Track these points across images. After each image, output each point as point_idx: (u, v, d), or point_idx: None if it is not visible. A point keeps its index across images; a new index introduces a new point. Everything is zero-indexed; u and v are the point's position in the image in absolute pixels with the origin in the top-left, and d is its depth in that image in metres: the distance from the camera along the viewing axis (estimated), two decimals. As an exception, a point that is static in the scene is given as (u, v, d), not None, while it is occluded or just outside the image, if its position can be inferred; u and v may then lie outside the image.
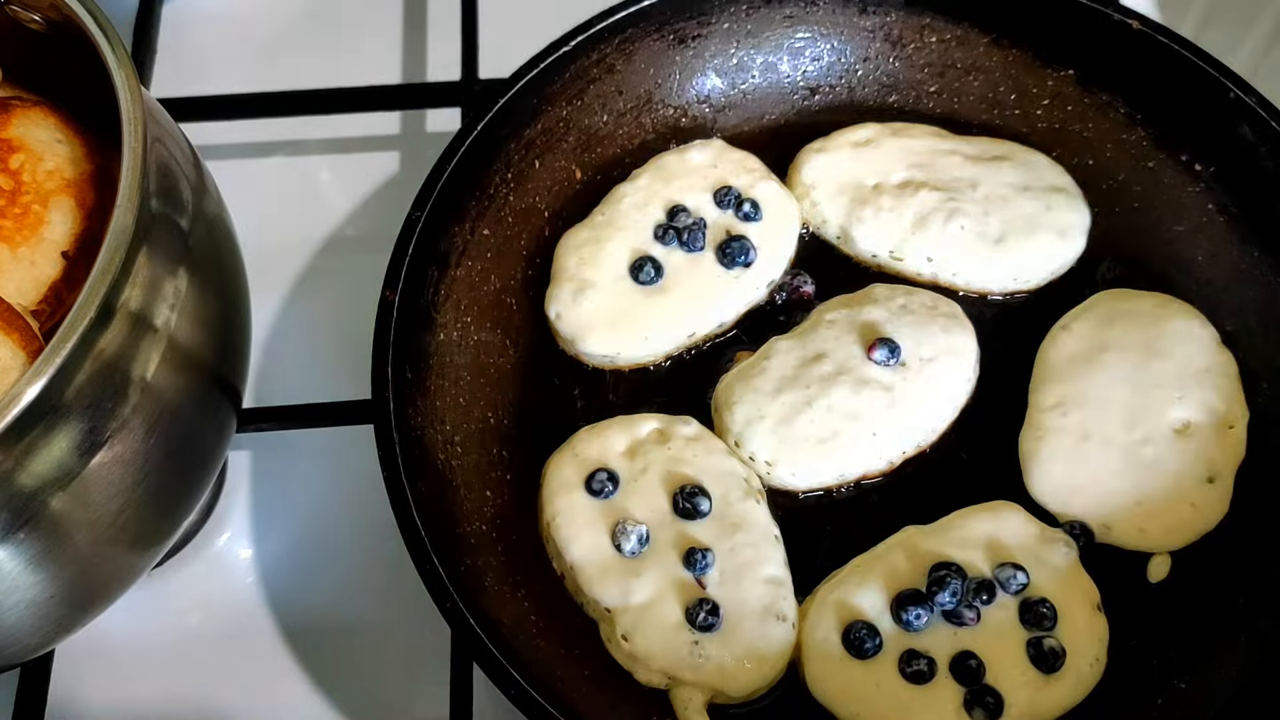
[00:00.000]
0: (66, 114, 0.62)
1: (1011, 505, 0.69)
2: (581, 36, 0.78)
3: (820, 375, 0.71)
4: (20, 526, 0.51)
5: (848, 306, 0.74)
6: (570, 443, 0.71)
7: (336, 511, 0.78)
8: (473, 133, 0.75)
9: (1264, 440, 0.70)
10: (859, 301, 0.75)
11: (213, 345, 0.61)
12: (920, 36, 0.83)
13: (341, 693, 0.73)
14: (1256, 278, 0.74)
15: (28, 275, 0.58)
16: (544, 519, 0.69)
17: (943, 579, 0.64)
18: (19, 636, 0.57)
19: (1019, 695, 0.63)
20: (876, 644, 0.64)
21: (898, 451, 0.71)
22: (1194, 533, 0.68)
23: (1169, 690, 0.65)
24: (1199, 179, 0.77)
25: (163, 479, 0.59)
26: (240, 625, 0.75)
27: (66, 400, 0.50)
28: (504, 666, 0.60)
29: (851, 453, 0.70)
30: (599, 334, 0.74)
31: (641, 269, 0.75)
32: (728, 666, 0.64)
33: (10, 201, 0.59)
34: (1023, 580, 0.65)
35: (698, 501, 0.67)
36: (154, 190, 0.55)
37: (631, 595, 0.65)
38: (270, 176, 0.93)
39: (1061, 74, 0.81)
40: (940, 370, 0.72)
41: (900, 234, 0.77)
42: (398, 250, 0.71)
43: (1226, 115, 0.75)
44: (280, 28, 1.00)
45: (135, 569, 0.62)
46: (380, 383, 0.67)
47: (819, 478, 0.70)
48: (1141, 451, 0.69)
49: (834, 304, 0.75)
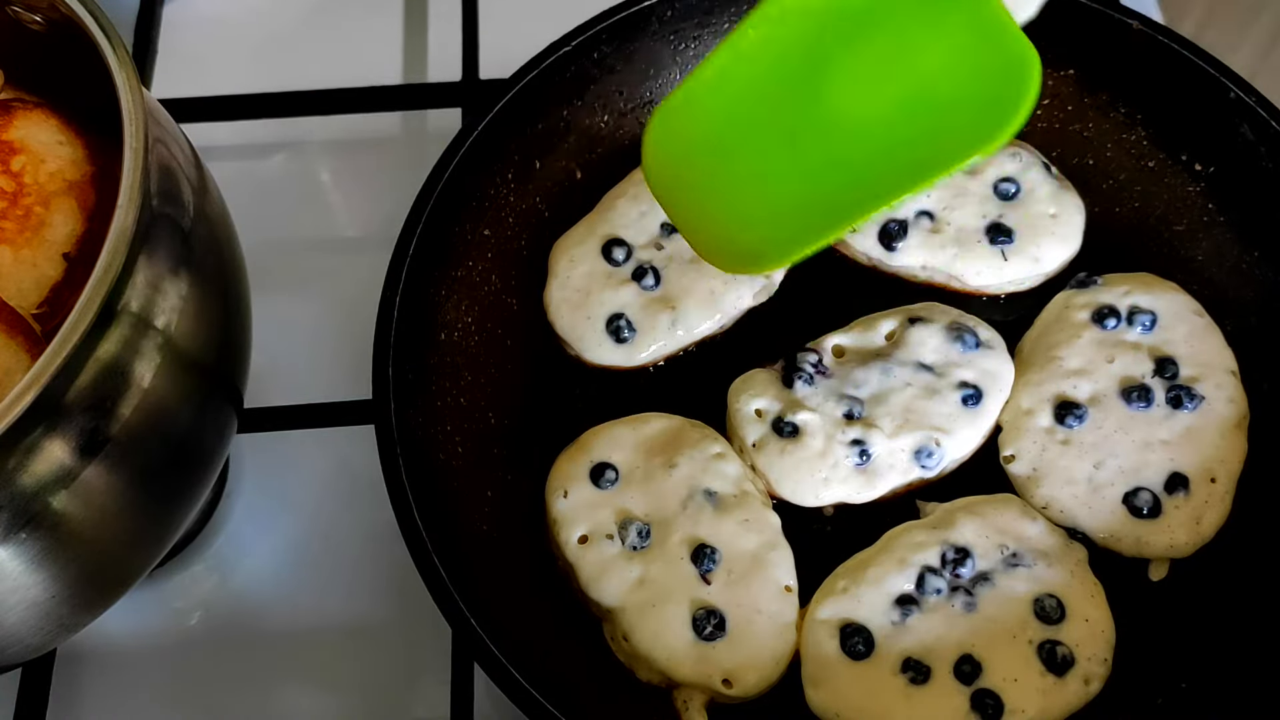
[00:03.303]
0: (68, 115, 0.62)
1: (1014, 498, 0.69)
2: (581, 36, 0.78)
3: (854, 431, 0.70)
4: (22, 527, 0.51)
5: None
6: (577, 443, 0.71)
7: (336, 511, 0.78)
8: (473, 133, 0.75)
9: (1265, 440, 0.71)
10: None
11: (213, 346, 0.61)
12: (920, 36, 0.83)
13: (341, 693, 0.73)
14: (1256, 278, 0.74)
15: (29, 277, 0.58)
16: (547, 518, 0.69)
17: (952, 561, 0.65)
18: (20, 637, 0.57)
19: (1028, 698, 0.62)
20: (874, 646, 0.64)
21: (915, 477, 0.71)
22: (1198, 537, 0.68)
23: (1170, 690, 0.65)
24: (1199, 179, 0.77)
25: (163, 479, 0.59)
26: (240, 625, 0.75)
27: (68, 401, 0.50)
28: (505, 666, 0.60)
29: (870, 482, 0.70)
30: (599, 334, 0.74)
31: (641, 269, 0.76)
32: (729, 666, 0.64)
33: (12, 203, 0.59)
34: (1030, 563, 0.65)
35: (705, 502, 0.67)
36: (155, 191, 0.55)
37: (633, 594, 0.65)
38: (270, 176, 0.93)
39: (1061, 74, 0.81)
40: (987, 407, 0.71)
41: (897, 234, 0.77)
42: (398, 250, 0.71)
43: (1226, 115, 0.75)
44: (280, 28, 1.00)
45: (136, 569, 0.62)
46: (381, 383, 0.67)
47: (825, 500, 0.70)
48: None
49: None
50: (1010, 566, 0.66)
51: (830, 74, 0.55)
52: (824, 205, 0.58)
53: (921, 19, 0.54)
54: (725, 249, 0.62)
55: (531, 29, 0.81)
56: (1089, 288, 0.75)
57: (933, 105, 0.54)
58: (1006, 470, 0.71)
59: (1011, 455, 0.71)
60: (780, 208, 0.59)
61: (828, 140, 0.56)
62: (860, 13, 0.54)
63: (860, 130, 0.56)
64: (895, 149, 0.56)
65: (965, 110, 0.54)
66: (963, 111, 0.54)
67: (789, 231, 0.59)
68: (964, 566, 0.65)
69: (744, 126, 0.58)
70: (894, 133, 0.55)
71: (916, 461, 0.69)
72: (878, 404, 0.70)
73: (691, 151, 0.60)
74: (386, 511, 0.63)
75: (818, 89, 0.56)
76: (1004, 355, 0.73)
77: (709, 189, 0.61)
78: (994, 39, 0.53)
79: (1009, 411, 0.72)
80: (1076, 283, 0.75)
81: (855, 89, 0.55)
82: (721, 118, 0.58)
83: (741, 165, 0.59)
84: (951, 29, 0.53)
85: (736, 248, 0.61)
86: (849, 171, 0.57)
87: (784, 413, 0.70)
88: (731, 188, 0.60)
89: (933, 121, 0.55)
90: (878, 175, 0.56)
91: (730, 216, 0.61)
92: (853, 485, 0.69)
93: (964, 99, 0.54)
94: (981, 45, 0.53)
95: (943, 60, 0.54)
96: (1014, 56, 0.52)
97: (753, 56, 0.56)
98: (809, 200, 0.58)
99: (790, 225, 0.59)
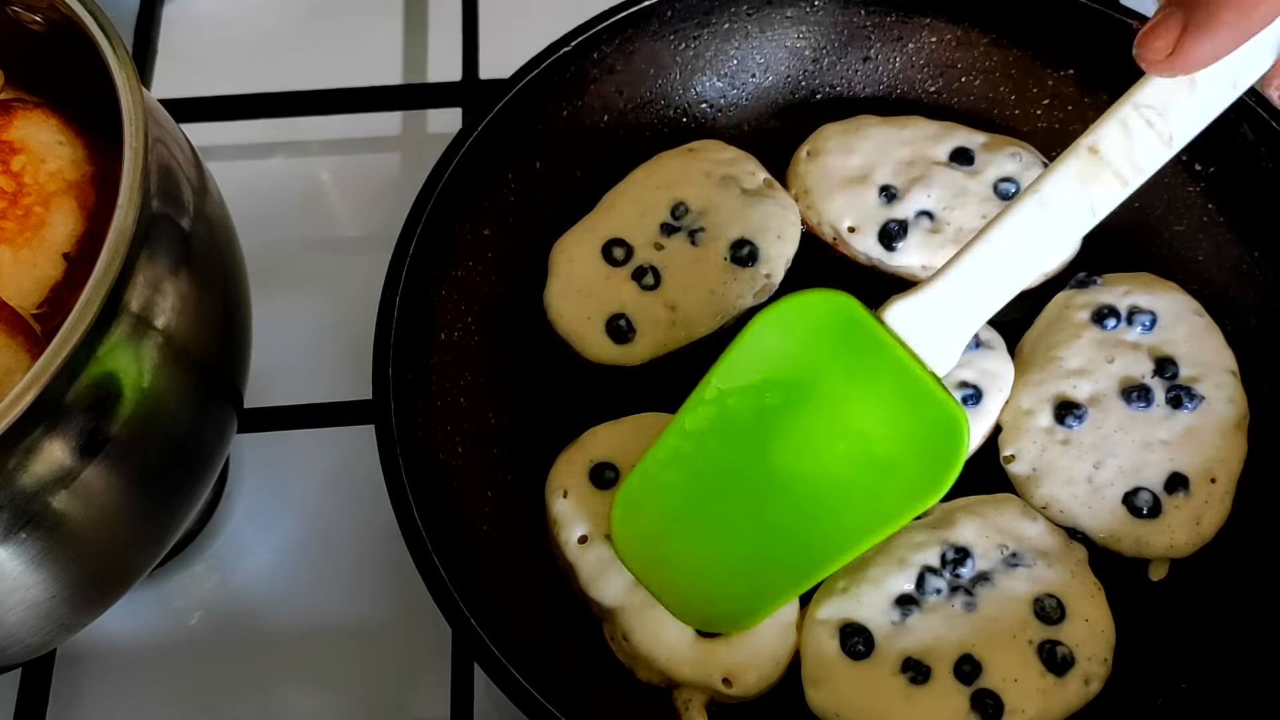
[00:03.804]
0: (68, 116, 0.62)
1: (1014, 498, 0.69)
2: (582, 36, 0.78)
3: None
4: (22, 527, 0.51)
5: None
6: (577, 443, 0.71)
7: (336, 511, 0.78)
8: (473, 133, 0.75)
9: (1265, 440, 0.71)
10: None
11: (213, 346, 0.61)
12: (920, 36, 0.83)
13: (341, 693, 0.73)
14: (1256, 278, 0.74)
15: (29, 277, 0.58)
16: (547, 518, 0.69)
17: (952, 561, 0.65)
18: (20, 637, 0.57)
19: (1028, 698, 0.62)
20: (874, 646, 0.64)
21: None
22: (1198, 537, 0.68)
23: (1170, 690, 0.65)
24: (1199, 179, 0.77)
25: (163, 479, 0.59)
26: (240, 625, 0.75)
27: (68, 401, 0.50)
28: (505, 666, 0.60)
29: None
30: (599, 334, 0.74)
31: (641, 269, 0.76)
32: (729, 666, 0.64)
33: (12, 204, 0.59)
34: (1030, 563, 0.65)
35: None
36: (155, 191, 0.55)
37: (633, 594, 0.65)
38: (270, 176, 0.93)
39: (1061, 74, 0.81)
40: (987, 407, 0.71)
41: (897, 234, 0.77)
42: (398, 250, 0.71)
43: (1226, 115, 0.74)
44: (280, 28, 1.00)
45: (136, 569, 0.62)
46: (381, 383, 0.67)
47: None
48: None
49: None
50: (1010, 566, 0.66)
51: (775, 441, 0.59)
52: (783, 567, 0.61)
53: (848, 387, 0.57)
54: (699, 613, 0.64)
55: (531, 29, 0.81)
56: (1089, 288, 0.75)
57: (875, 465, 0.57)
58: (1006, 470, 0.71)
59: (1011, 455, 0.71)
60: (744, 573, 0.62)
61: (780, 503, 0.60)
62: (791, 384, 0.58)
63: (810, 491, 0.59)
64: (844, 508, 0.59)
65: (904, 470, 0.57)
66: (902, 471, 0.57)
67: (755, 594, 0.63)
68: (964, 566, 0.65)
69: (699, 499, 0.62)
70: (842, 493, 0.58)
71: None
72: None
73: (655, 527, 0.64)
74: (386, 511, 0.63)
75: (766, 456, 0.59)
76: (1004, 355, 0.73)
77: (676, 560, 0.64)
78: (921, 403, 0.55)
79: (1009, 411, 0.72)
80: (1076, 283, 0.75)
81: (800, 454, 0.58)
82: (677, 494, 0.62)
83: (702, 535, 0.62)
84: (881, 395, 0.56)
85: (711, 611, 0.64)
86: (803, 532, 0.60)
87: None
88: (696, 557, 0.63)
89: (876, 480, 0.57)
90: (830, 535, 0.59)
91: (699, 583, 0.64)
92: None
93: (901, 459, 0.57)
94: (910, 410, 0.56)
95: (878, 424, 0.56)
96: (942, 419, 0.55)
97: (698, 434, 0.60)
98: (770, 563, 0.62)
99: (756, 588, 0.63)
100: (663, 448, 0.62)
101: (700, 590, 0.64)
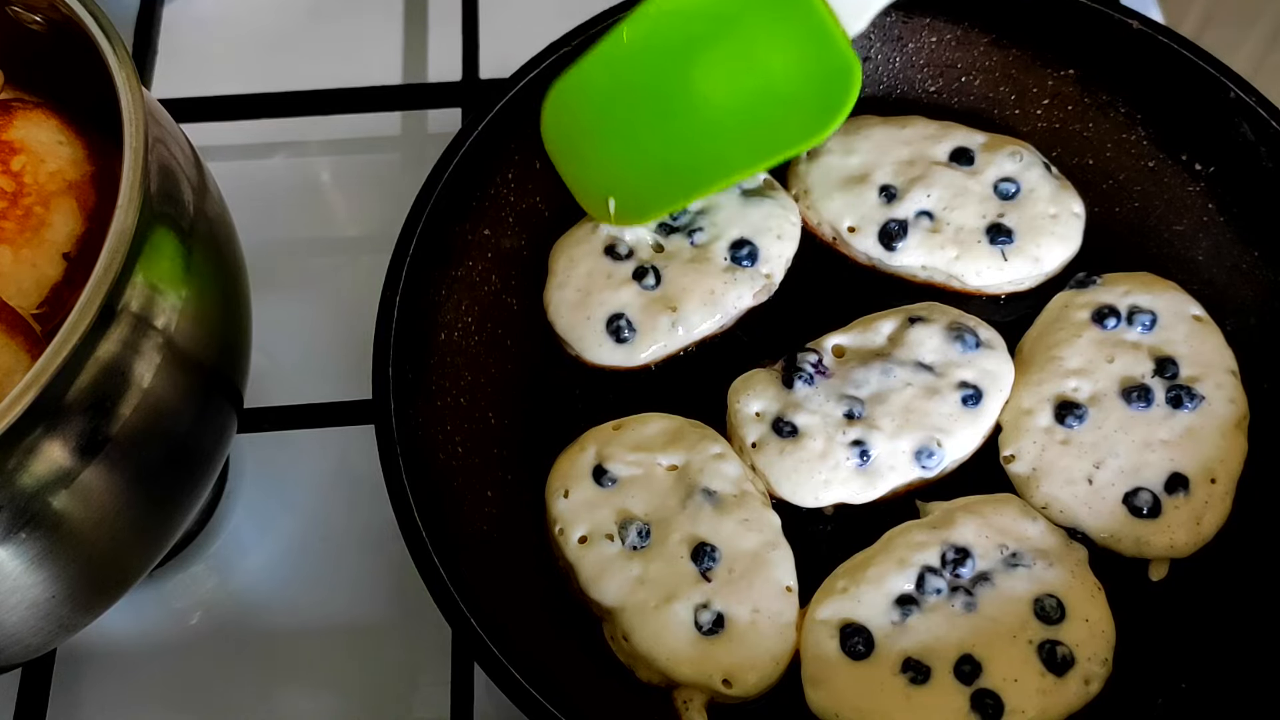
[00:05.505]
0: (68, 116, 0.62)
1: (1014, 498, 0.69)
2: (581, 37, 0.78)
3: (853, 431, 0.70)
4: (22, 527, 0.51)
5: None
6: (577, 443, 0.71)
7: (336, 511, 0.78)
8: (473, 133, 0.75)
9: (1265, 440, 0.71)
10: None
11: (213, 346, 0.61)
12: (920, 36, 0.83)
13: (341, 693, 0.73)
14: (1256, 278, 0.74)
15: (29, 277, 0.58)
16: (547, 517, 0.69)
17: (952, 561, 0.65)
18: (20, 637, 0.57)
19: (1028, 698, 0.62)
20: (874, 646, 0.64)
21: (915, 478, 0.70)
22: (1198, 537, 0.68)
23: (1170, 690, 0.65)
24: (1199, 179, 0.77)
25: (163, 479, 0.59)
26: (240, 625, 0.75)
27: (68, 401, 0.50)
28: (505, 666, 0.60)
29: (870, 483, 0.69)
30: (599, 334, 0.74)
31: (641, 269, 0.76)
32: (729, 666, 0.64)
33: (12, 204, 0.59)
34: (1030, 563, 0.65)
35: (705, 502, 0.67)
36: (155, 191, 0.55)
37: (633, 594, 0.65)
38: (270, 176, 0.93)
39: (1061, 74, 0.81)
40: (987, 407, 0.71)
41: (897, 234, 0.77)
42: (398, 250, 0.71)
43: (1226, 115, 0.75)
44: (280, 28, 1.00)
45: (136, 569, 0.62)
46: (381, 383, 0.67)
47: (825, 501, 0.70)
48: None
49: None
50: (1010, 566, 0.66)
51: (696, 64, 0.68)
52: (685, 173, 0.72)
53: (767, 27, 0.65)
54: (603, 205, 0.74)
55: (531, 29, 0.81)
56: (1089, 287, 0.75)
57: (775, 100, 0.67)
58: (1006, 470, 0.71)
59: (1011, 455, 0.71)
60: (650, 173, 0.73)
61: (691, 120, 0.70)
62: (720, 15, 0.66)
63: (718, 114, 0.69)
64: (745, 133, 0.69)
65: (800, 107, 0.66)
66: (798, 108, 0.66)
67: (656, 193, 0.73)
68: (964, 566, 0.65)
69: (623, 103, 0.72)
70: (745, 119, 0.68)
71: (917, 462, 0.69)
72: (878, 404, 0.70)
73: (580, 122, 0.74)
74: (386, 511, 0.63)
75: (686, 76, 0.69)
76: (1004, 355, 0.73)
77: (593, 154, 0.74)
78: (823, 48, 0.64)
79: (1009, 411, 0.72)
80: (1076, 283, 0.75)
81: (715, 79, 0.68)
82: (604, 95, 0.72)
83: (619, 135, 0.73)
84: (791, 38, 0.65)
85: (618, 204, 0.74)
86: (706, 147, 0.70)
87: (784, 413, 0.70)
88: (611, 153, 0.74)
89: (775, 113, 0.67)
90: (729, 153, 0.70)
91: (609, 177, 0.74)
92: (853, 486, 0.69)
93: (799, 97, 0.66)
94: (814, 54, 0.65)
95: (783, 63, 0.66)
96: (839, 65, 0.64)
97: (632, 46, 0.69)
98: (673, 168, 0.72)
99: (657, 188, 0.73)
100: (601, 52, 0.71)
101: (608, 183, 0.74)
